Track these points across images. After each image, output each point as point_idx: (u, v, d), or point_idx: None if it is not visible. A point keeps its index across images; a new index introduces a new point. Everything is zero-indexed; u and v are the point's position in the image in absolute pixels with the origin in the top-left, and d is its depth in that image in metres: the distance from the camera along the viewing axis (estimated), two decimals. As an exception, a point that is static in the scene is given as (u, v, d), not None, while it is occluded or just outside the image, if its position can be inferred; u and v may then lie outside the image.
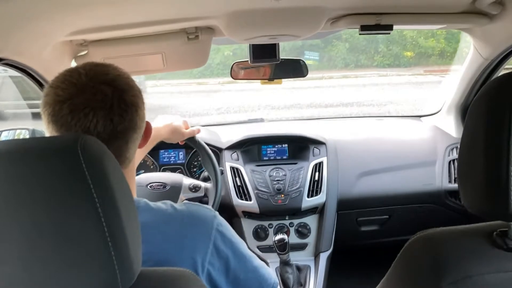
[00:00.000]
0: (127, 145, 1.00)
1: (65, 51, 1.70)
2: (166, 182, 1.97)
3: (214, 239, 1.05)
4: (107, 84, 0.95)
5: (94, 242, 0.68)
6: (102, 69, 0.99)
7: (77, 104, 0.92)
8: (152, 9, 1.51)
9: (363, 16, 1.67)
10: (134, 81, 1.03)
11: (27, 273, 0.70)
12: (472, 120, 0.90)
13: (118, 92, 0.96)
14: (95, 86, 0.94)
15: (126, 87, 0.98)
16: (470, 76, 2.25)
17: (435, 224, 1.04)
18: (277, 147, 2.44)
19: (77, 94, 0.92)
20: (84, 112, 0.92)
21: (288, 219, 2.34)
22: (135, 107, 0.99)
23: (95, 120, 0.92)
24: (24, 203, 0.68)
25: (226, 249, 1.07)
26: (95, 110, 0.92)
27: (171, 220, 1.03)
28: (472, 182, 0.89)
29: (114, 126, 0.95)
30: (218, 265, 1.06)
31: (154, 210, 1.04)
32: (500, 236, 0.90)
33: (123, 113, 0.96)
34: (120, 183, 0.73)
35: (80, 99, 0.92)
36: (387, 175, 2.40)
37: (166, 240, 1.01)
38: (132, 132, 1.00)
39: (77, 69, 0.97)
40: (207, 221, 1.07)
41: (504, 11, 1.63)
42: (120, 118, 0.95)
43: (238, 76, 2.14)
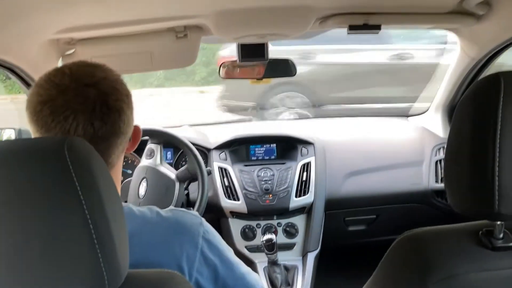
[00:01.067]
0: (108, 150, 0.97)
1: (52, 50, 1.69)
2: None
3: (201, 247, 1.04)
4: (90, 86, 0.92)
5: (81, 244, 0.67)
6: (88, 70, 0.96)
7: (57, 105, 0.90)
8: (141, 7, 1.50)
9: (351, 16, 1.67)
10: (123, 84, 1.00)
11: (13, 276, 0.69)
12: (459, 120, 0.91)
13: (102, 95, 0.93)
14: (77, 88, 0.91)
15: (110, 90, 0.95)
16: (457, 76, 2.26)
17: (422, 224, 1.04)
18: (265, 147, 2.43)
19: (58, 96, 0.90)
20: (64, 114, 0.89)
21: (276, 219, 2.34)
22: (118, 112, 0.96)
23: (75, 123, 0.90)
24: (10, 205, 0.67)
25: (213, 256, 1.06)
26: (76, 113, 0.90)
27: (157, 228, 1.02)
28: (458, 182, 0.90)
29: (95, 130, 0.92)
30: (207, 273, 1.04)
31: (138, 218, 1.01)
32: (485, 235, 0.91)
33: (104, 117, 0.93)
34: (107, 185, 0.72)
35: (60, 101, 0.90)
36: (374, 175, 2.41)
37: (151, 248, 0.99)
38: (114, 137, 0.97)
39: (63, 69, 0.95)
40: (193, 229, 1.05)
41: (491, 12, 1.64)
42: (101, 123, 0.93)
43: (227, 76, 2.14)
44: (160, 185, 2.00)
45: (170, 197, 1.97)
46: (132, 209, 1.03)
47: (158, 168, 2.03)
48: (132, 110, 1.01)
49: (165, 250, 1.00)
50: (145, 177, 2.00)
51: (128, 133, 1.02)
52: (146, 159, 2.06)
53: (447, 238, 0.95)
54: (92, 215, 0.67)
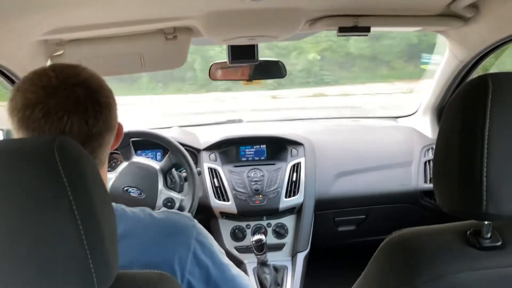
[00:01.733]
0: (101, 147, 0.98)
1: (40, 51, 1.67)
2: (143, 190, 1.97)
3: (194, 248, 1.04)
4: (79, 85, 0.93)
5: (70, 244, 0.67)
6: (72, 70, 0.96)
7: (50, 107, 0.89)
8: (130, 9, 1.50)
9: (341, 18, 1.68)
10: (105, 82, 1.01)
11: (1, 277, 0.69)
12: (447, 121, 0.91)
13: (91, 94, 0.93)
14: (67, 88, 0.91)
15: (99, 88, 0.96)
16: (445, 78, 2.28)
17: (411, 224, 1.05)
18: (255, 147, 2.44)
19: (48, 97, 0.89)
20: (58, 115, 0.89)
21: (265, 220, 2.34)
22: (108, 108, 0.97)
23: (69, 123, 0.90)
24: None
25: (206, 258, 1.07)
26: (70, 113, 0.90)
27: (149, 230, 1.02)
28: (447, 182, 0.91)
29: (89, 128, 0.93)
30: (198, 274, 1.05)
31: (131, 219, 1.02)
32: (473, 235, 0.92)
33: (97, 115, 0.94)
34: (97, 185, 0.72)
35: (52, 102, 0.89)
36: (364, 176, 2.42)
37: (144, 250, 0.99)
38: (107, 133, 0.98)
39: (45, 71, 0.94)
40: (186, 231, 1.06)
41: (479, 14, 1.65)
42: (95, 120, 0.93)
43: (217, 77, 2.14)
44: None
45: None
46: (124, 210, 1.03)
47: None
48: (116, 106, 1.02)
49: (157, 251, 1.00)
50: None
51: (116, 129, 1.03)
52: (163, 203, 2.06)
53: (435, 238, 0.96)
54: (81, 215, 0.67)
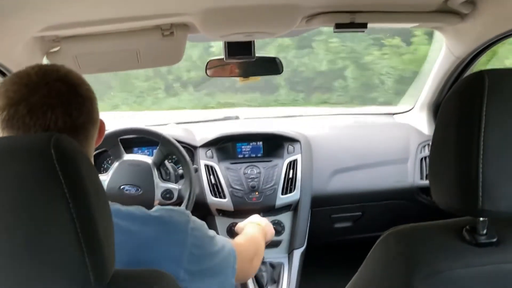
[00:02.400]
0: (87, 140, 0.99)
1: (37, 48, 1.67)
2: (139, 186, 1.97)
3: (189, 245, 1.06)
4: (59, 80, 0.94)
5: (66, 241, 0.67)
6: (51, 67, 0.98)
7: (33, 103, 0.90)
8: (126, 5, 1.50)
9: (338, 14, 1.68)
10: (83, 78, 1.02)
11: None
12: (444, 117, 0.92)
13: (72, 87, 0.96)
14: (48, 83, 0.92)
15: (79, 82, 0.98)
16: (442, 74, 2.28)
17: (407, 220, 1.06)
18: (252, 144, 2.44)
19: (31, 94, 0.90)
20: (42, 110, 0.90)
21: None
22: (90, 101, 0.99)
23: (54, 117, 0.91)
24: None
25: (200, 251, 1.08)
26: (53, 107, 0.91)
27: (145, 227, 1.02)
28: (443, 179, 0.91)
29: (73, 120, 0.94)
30: (195, 269, 1.06)
31: (126, 217, 1.02)
32: (469, 232, 0.92)
33: (80, 107, 0.95)
34: (93, 182, 0.72)
35: (35, 98, 0.90)
36: (360, 172, 2.43)
37: (140, 248, 1.00)
38: (91, 126, 0.99)
39: (25, 70, 0.95)
40: (181, 227, 1.07)
41: (475, 11, 1.66)
42: (78, 112, 0.95)
43: (213, 74, 2.14)
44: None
45: (151, 181, 1.99)
46: (119, 209, 1.03)
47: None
48: (97, 101, 1.03)
49: (153, 249, 1.01)
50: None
51: (99, 123, 1.05)
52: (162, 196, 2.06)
53: (431, 234, 0.96)
54: (77, 212, 0.67)
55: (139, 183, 1.99)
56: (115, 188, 1.99)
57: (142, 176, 2.01)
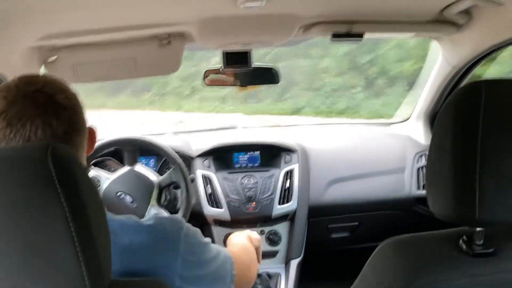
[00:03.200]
0: (73, 149, 0.98)
1: (34, 57, 1.67)
2: (135, 199, 1.96)
3: (182, 252, 1.05)
4: (37, 91, 0.94)
5: (63, 251, 0.67)
6: (33, 79, 0.97)
7: (12, 116, 0.90)
8: (124, 14, 1.50)
9: (335, 24, 1.69)
10: (68, 86, 1.01)
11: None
12: (440, 127, 0.92)
13: (50, 97, 0.94)
14: (26, 95, 0.92)
15: (58, 90, 0.97)
16: (438, 84, 2.29)
17: (404, 231, 1.05)
18: (249, 154, 2.43)
19: (9, 107, 0.91)
20: (21, 122, 0.90)
21: (259, 227, 2.34)
22: (72, 109, 0.98)
23: (34, 128, 0.91)
24: None
25: (194, 258, 1.08)
26: (32, 118, 0.91)
27: (136, 237, 1.02)
28: (440, 189, 0.91)
29: (54, 130, 0.93)
30: (188, 276, 1.06)
31: (117, 227, 1.00)
32: (466, 242, 0.92)
33: (60, 116, 0.94)
34: (90, 192, 0.72)
35: (14, 110, 0.90)
36: (357, 182, 2.42)
37: (132, 258, 0.99)
38: (75, 135, 0.98)
39: (9, 84, 0.96)
40: (174, 235, 1.06)
41: (471, 21, 1.67)
42: (58, 121, 0.94)
43: (211, 83, 2.14)
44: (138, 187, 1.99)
45: (147, 201, 1.97)
46: (112, 218, 1.02)
47: (138, 170, 2.03)
48: (83, 109, 1.03)
49: (146, 258, 1.00)
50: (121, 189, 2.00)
51: (86, 132, 1.04)
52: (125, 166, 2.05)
53: (428, 245, 0.96)
54: (74, 222, 0.66)
55: (137, 197, 1.98)
56: (113, 192, 1.97)
57: (142, 192, 1.99)
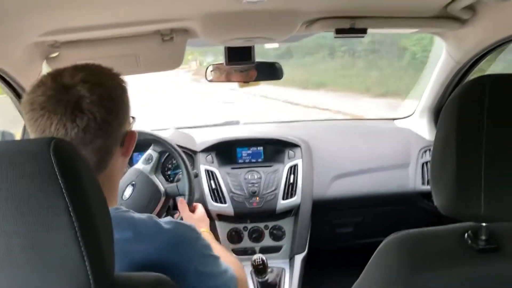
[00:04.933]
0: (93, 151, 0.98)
1: (36, 53, 1.67)
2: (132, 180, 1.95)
3: (196, 262, 1.06)
4: (67, 88, 0.95)
5: (66, 247, 0.67)
6: (72, 72, 0.98)
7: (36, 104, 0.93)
8: (126, 10, 1.50)
9: (338, 20, 1.68)
10: (108, 88, 1.00)
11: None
12: (445, 123, 0.91)
13: (75, 98, 0.94)
14: (56, 89, 0.94)
15: (87, 94, 0.95)
16: (442, 80, 2.28)
17: (409, 226, 1.05)
18: (252, 149, 2.43)
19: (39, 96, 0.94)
20: (40, 113, 0.93)
21: (263, 222, 2.34)
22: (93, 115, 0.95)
23: (49, 122, 0.93)
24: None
25: (205, 268, 1.09)
26: (50, 113, 0.93)
27: (155, 238, 1.02)
28: (444, 184, 0.90)
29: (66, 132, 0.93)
30: (198, 284, 1.06)
31: (139, 226, 1.02)
32: (471, 237, 0.92)
33: (76, 120, 0.94)
34: (93, 187, 0.72)
35: (39, 100, 0.94)
36: (361, 178, 2.42)
37: (147, 258, 1.00)
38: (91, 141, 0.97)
39: (52, 72, 0.98)
40: (190, 244, 1.07)
41: (475, 16, 1.66)
42: (73, 125, 0.93)
43: (213, 79, 2.14)
44: (146, 194, 1.97)
45: (152, 208, 1.94)
46: (133, 217, 1.03)
47: (151, 177, 2.01)
48: (117, 114, 1.01)
49: (161, 261, 1.00)
50: (134, 181, 1.98)
51: (112, 137, 1.02)
52: (142, 163, 2.01)
53: (433, 240, 0.96)
54: (77, 216, 0.67)
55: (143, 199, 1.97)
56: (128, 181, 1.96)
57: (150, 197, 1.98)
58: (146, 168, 1.98)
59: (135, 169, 1.99)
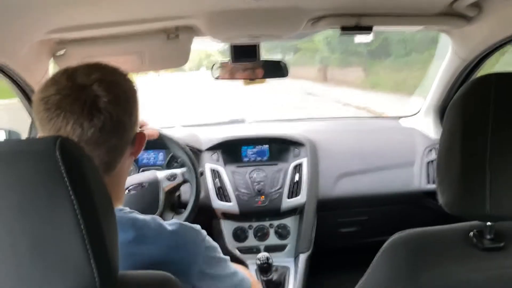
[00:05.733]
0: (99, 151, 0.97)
1: (43, 50, 1.68)
2: (143, 181, 1.95)
3: (200, 263, 1.05)
4: (84, 87, 0.94)
5: (72, 245, 0.67)
6: (87, 70, 0.98)
7: (51, 103, 0.92)
8: (132, 8, 1.50)
9: (343, 17, 1.68)
10: (122, 86, 1.00)
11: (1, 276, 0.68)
12: (450, 121, 0.91)
13: (92, 97, 0.93)
14: (72, 88, 0.93)
15: (103, 93, 0.95)
16: (448, 78, 2.27)
17: (414, 225, 1.05)
18: (258, 148, 2.43)
19: (54, 94, 0.93)
20: (56, 112, 0.92)
21: (268, 221, 2.34)
22: (110, 114, 0.95)
23: (65, 122, 0.92)
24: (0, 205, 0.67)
25: (210, 272, 1.09)
26: (66, 112, 0.92)
27: (158, 240, 1.02)
28: (449, 183, 0.90)
29: (83, 131, 0.93)
30: (202, 285, 1.06)
31: (142, 227, 1.01)
32: (476, 236, 0.91)
33: (93, 119, 0.93)
34: (98, 186, 0.72)
35: (54, 99, 0.92)
36: (366, 176, 2.42)
37: (150, 259, 0.99)
38: (105, 140, 0.96)
39: (67, 68, 0.98)
40: (195, 246, 1.06)
41: (481, 14, 1.65)
42: (90, 124, 0.93)
43: (219, 77, 2.14)
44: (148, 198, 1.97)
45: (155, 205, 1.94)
46: (137, 217, 1.03)
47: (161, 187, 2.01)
48: (131, 114, 1.01)
49: (163, 262, 1.00)
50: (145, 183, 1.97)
51: (125, 137, 1.02)
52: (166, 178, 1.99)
53: (438, 239, 0.95)
54: (83, 215, 0.66)
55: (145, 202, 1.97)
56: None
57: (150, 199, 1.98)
58: (164, 182, 1.98)
59: (154, 176, 1.99)
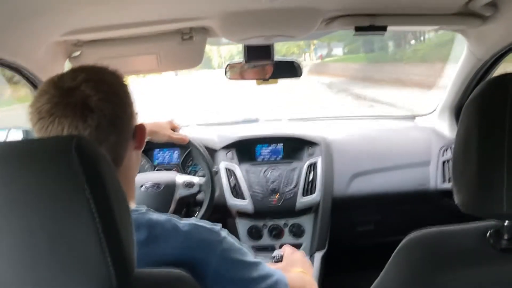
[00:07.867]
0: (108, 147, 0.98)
1: (59, 52, 1.70)
2: (160, 182, 1.96)
3: (216, 265, 1.03)
4: (72, 89, 0.95)
5: (88, 243, 0.67)
6: (72, 74, 0.98)
7: (43, 112, 0.94)
8: (147, 9, 1.51)
9: (358, 17, 1.68)
10: (112, 84, 1.01)
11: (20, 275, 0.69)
12: (466, 120, 0.90)
13: (82, 98, 0.94)
14: (61, 94, 0.94)
15: (93, 92, 0.96)
16: (464, 77, 2.25)
17: (429, 224, 1.04)
18: (272, 147, 2.44)
19: (45, 103, 0.94)
20: (49, 120, 0.93)
21: (282, 220, 2.34)
22: (102, 112, 0.96)
23: (60, 128, 0.93)
24: (17, 205, 0.68)
25: (229, 273, 1.06)
26: (60, 117, 0.93)
27: (172, 240, 1.01)
28: (466, 182, 0.89)
29: (80, 131, 0.94)
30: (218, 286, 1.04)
31: (156, 226, 1.01)
32: (493, 236, 0.91)
33: (87, 119, 0.94)
34: (114, 184, 0.73)
35: (46, 108, 0.94)
36: (381, 176, 2.41)
37: (163, 260, 0.98)
38: (104, 137, 0.97)
39: (53, 77, 0.99)
40: (210, 246, 1.04)
41: (498, 13, 1.63)
42: (85, 124, 0.94)
43: (232, 77, 2.14)
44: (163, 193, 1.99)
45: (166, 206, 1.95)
46: (151, 218, 1.02)
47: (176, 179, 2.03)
48: (126, 108, 1.03)
49: (177, 262, 0.98)
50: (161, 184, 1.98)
51: (124, 132, 1.03)
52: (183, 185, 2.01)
53: (454, 238, 0.95)
54: (99, 214, 0.67)
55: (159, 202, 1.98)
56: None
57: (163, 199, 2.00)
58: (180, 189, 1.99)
59: (173, 180, 2.00)
